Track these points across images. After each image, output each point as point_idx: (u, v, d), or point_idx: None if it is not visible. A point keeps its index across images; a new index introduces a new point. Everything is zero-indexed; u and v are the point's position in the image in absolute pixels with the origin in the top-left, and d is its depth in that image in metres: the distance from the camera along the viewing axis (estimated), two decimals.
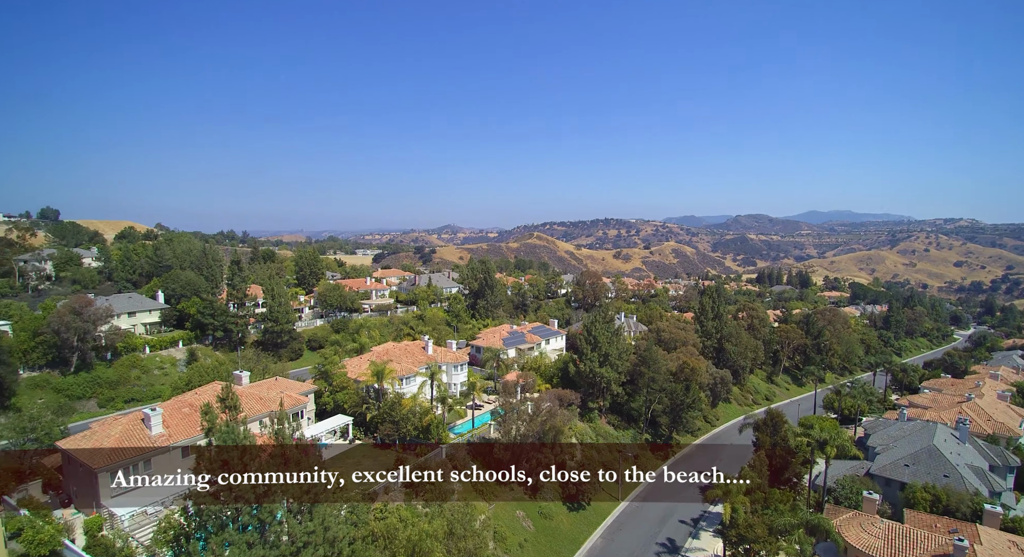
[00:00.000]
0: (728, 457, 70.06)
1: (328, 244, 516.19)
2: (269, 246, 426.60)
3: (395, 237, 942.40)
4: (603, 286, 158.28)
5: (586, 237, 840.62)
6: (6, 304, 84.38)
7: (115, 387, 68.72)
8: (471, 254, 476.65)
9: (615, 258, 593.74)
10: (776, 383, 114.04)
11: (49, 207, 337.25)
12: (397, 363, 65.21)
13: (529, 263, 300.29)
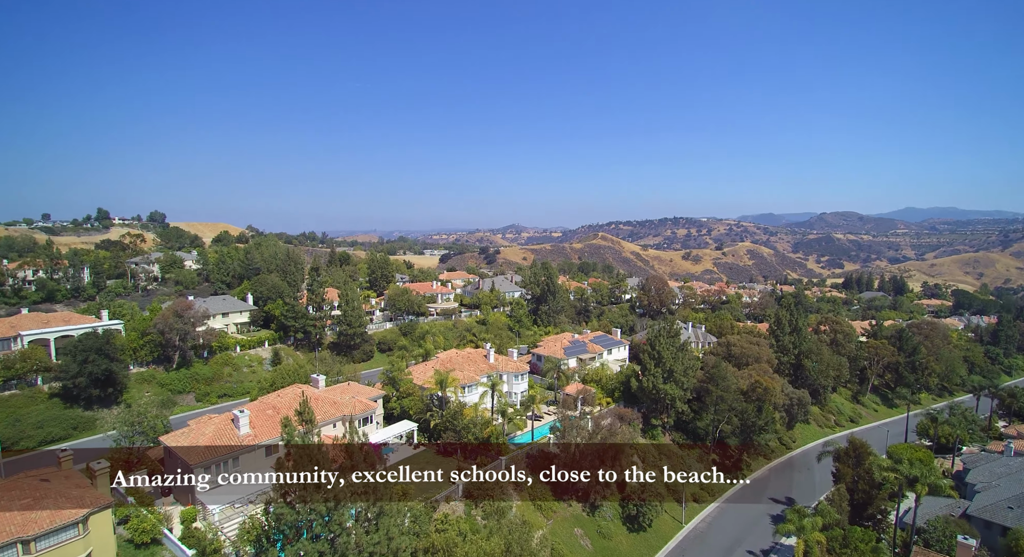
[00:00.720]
0: (804, 486, 65.88)
1: (398, 244, 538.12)
2: (345, 247, 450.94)
3: (461, 237, 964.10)
4: (669, 292, 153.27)
5: (653, 237, 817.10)
6: (120, 304, 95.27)
7: (210, 383, 75.68)
8: (535, 255, 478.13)
9: (684, 259, 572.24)
10: (863, 403, 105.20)
11: (157, 211, 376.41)
12: (460, 371, 66.89)
13: (593, 265, 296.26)
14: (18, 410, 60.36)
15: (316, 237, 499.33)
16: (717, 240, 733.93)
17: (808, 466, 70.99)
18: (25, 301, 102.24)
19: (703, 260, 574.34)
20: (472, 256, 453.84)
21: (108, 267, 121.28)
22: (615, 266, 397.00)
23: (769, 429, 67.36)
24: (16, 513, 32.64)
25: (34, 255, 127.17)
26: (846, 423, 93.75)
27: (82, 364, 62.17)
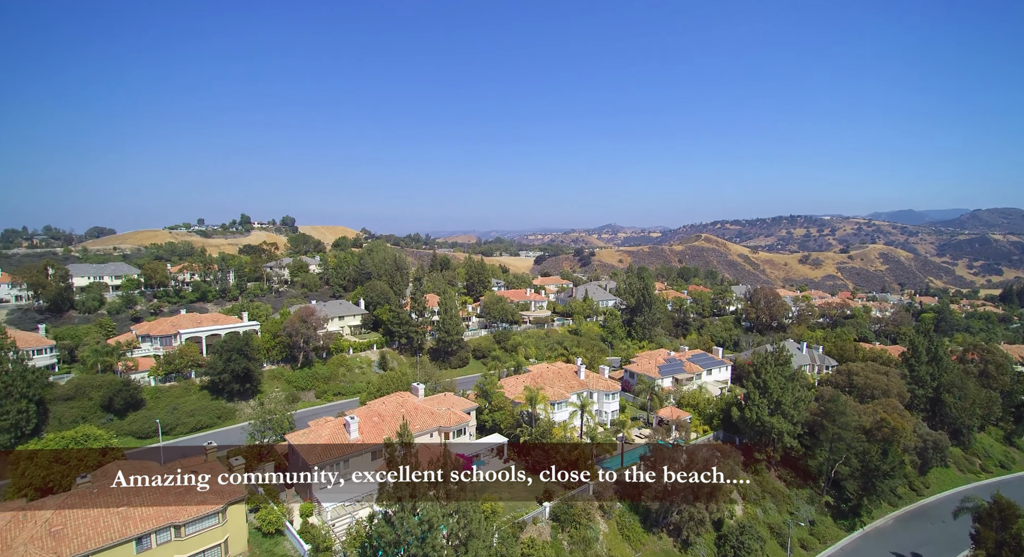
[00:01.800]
0: (937, 544, 57.57)
1: (494, 246, 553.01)
2: (445, 249, 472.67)
3: (556, 237, 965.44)
4: (781, 305, 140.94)
5: (764, 237, 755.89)
6: (256, 305, 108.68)
7: (327, 382, 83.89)
8: (631, 257, 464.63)
9: (801, 263, 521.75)
10: (1018, 446, 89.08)
11: (288, 216, 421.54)
12: (550, 387, 67.56)
13: (694, 270, 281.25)
14: (176, 399, 71.58)
15: (420, 239, 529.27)
16: (842, 241, 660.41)
17: (943, 519, 61.70)
18: (184, 301, 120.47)
19: (824, 264, 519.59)
20: (566, 258, 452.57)
21: (249, 271, 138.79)
22: (719, 271, 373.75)
23: (896, 475, 59.59)
24: (173, 498, 39.05)
25: (191, 260, 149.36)
26: (994, 469, 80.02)
27: (226, 362, 72.16)
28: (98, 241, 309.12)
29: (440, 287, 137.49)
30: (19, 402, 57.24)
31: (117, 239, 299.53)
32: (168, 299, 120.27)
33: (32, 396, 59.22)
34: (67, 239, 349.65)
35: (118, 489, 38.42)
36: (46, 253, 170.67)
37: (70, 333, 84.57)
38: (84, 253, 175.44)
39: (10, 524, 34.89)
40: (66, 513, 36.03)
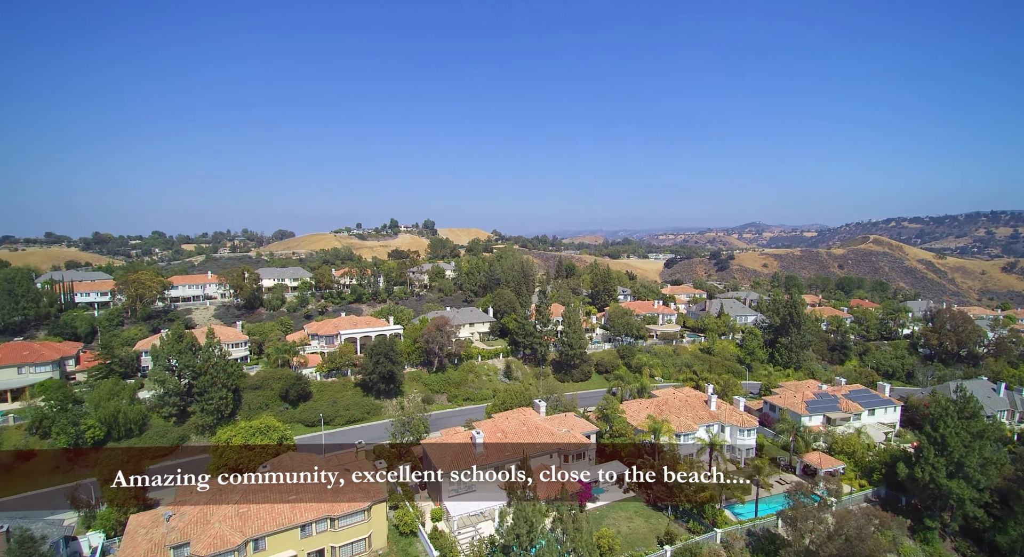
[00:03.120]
0: None
1: (622, 247, 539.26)
2: (571, 251, 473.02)
3: (689, 237, 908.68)
4: (973, 330, 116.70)
5: (955, 238, 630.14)
6: (400, 309, 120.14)
7: (458, 387, 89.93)
8: (778, 262, 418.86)
9: (1006, 272, 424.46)
10: None
11: (429, 219, 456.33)
12: (675, 417, 64.48)
13: (858, 281, 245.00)
14: (335, 394, 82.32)
15: (547, 240, 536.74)
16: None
17: None
18: (344, 301, 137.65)
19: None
20: (700, 261, 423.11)
21: (395, 276, 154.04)
22: (892, 281, 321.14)
23: None
24: (329, 495, 45.28)
25: (350, 265, 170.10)
26: None
27: (375, 364, 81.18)
28: (281, 243, 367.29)
29: (564, 297, 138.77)
30: (221, 391, 70.75)
31: (295, 242, 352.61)
32: (332, 300, 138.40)
33: (230, 385, 72.78)
34: (259, 241, 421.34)
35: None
36: (243, 257, 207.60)
37: (259, 329, 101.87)
38: (271, 257, 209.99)
39: (211, 500, 43.49)
40: (251, 495, 43.85)
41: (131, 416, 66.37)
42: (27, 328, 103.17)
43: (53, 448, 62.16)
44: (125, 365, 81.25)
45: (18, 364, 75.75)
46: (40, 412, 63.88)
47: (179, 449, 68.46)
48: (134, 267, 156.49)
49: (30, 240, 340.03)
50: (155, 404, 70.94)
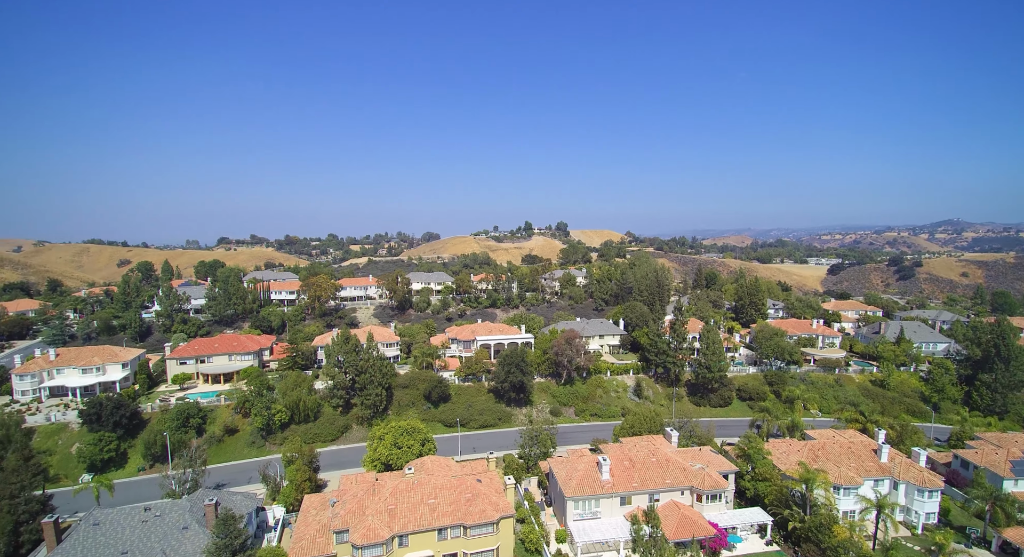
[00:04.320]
0: None
1: (774, 250, 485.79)
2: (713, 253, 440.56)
3: (862, 237, 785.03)
4: None
5: None
6: (532, 317, 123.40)
7: (586, 401, 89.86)
8: (982, 270, 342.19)
9: None
10: None
11: (562, 221, 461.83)
12: (834, 465, 56.82)
13: None
14: (471, 398, 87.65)
15: (686, 242, 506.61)
16: None
17: None
18: (480, 306, 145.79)
19: None
20: (875, 268, 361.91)
21: (527, 282, 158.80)
22: None
23: None
24: (463, 504, 48.64)
25: (487, 270, 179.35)
26: None
27: (507, 374, 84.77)
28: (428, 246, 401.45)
29: (703, 310, 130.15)
30: (377, 388, 79.80)
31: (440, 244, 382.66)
32: (470, 304, 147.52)
33: (385, 384, 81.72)
34: (410, 242, 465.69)
35: (429, 483, 50.26)
36: (396, 262, 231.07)
37: (408, 331, 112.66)
38: (420, 261, 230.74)
39: (366, 494, 49.46)
40: (398, 495, 48.93)
41: (309, 405, 78.25)
42: (236, 320, 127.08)
43: (252, 426, 75.93)
44: (305, 358, 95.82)
45: (229, 353, 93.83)
46: (243, 395, 78.39)
47: (343, 436, 78.93)
48: (314, 269, 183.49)
49: (240, 241, 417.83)
50: (327, 395, 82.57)
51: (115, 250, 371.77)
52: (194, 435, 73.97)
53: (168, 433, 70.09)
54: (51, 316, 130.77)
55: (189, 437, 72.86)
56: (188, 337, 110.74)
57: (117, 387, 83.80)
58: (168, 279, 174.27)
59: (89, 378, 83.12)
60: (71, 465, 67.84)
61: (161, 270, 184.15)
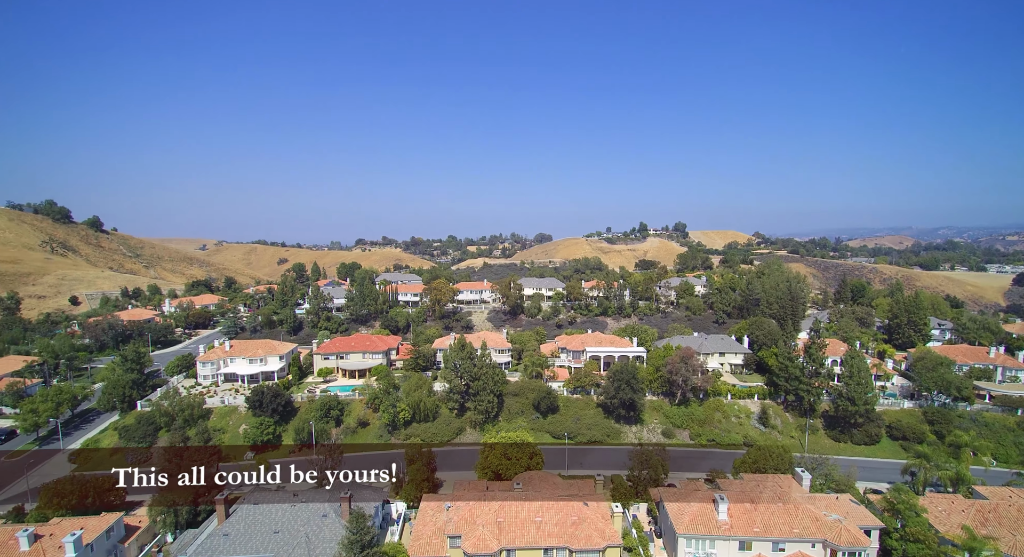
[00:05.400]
0: None
1: (942, 255, 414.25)
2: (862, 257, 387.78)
3: None
4: None
5: None
6: (644, 328, 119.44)
7: (702, 425, 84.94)
8: None
9: None
10: None
11: (680, 221, 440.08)
12: (1009, 533, 47.28)
13: None
14: (579, 411, 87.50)
15: (828, 244, 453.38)
16: None
17: None
18: (591, 313, 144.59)
19: None
20: None
21: (641, 290, 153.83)
22: None
23: None
24: (569, 526, 48.92)
25: (598, 277, 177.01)
26: None
27: (616, 390, 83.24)
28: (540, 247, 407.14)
29: (847, 329, 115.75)
30: (489, 395, 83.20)
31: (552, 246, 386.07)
32: (580, 311, 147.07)
33: (496, 391, 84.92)
34: (523, 244, 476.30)
35: (536, 501, 51.36)
36: (509, 265, 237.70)
37: (519, 338, 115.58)
38: (531, 265, 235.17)
39: (477, 503, 51.95)
40: (506, 509, 50.72)
41: (428, 406, 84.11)
42: (368, 319, 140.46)
43: (380, 421, 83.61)
44: (426, 360, 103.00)
45: (363, 351, 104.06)
46: (374, 392, 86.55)
47: (457, 438, 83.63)
48: (435, 273, 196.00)
49: (374, 242, 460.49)
50: (444, 397, 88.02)
51: (276, 250, 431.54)
52: (333, 425, 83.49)
53: (313, 422, 79.94)
54: (227, 310, 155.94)
55: (330, 426, 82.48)
56: (331, 334, 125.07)
57: (275, 377, 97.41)
58: (316, 279, 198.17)
59: (254, 367, 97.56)
60: (238, 443, 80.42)
61: (311, 271, 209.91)
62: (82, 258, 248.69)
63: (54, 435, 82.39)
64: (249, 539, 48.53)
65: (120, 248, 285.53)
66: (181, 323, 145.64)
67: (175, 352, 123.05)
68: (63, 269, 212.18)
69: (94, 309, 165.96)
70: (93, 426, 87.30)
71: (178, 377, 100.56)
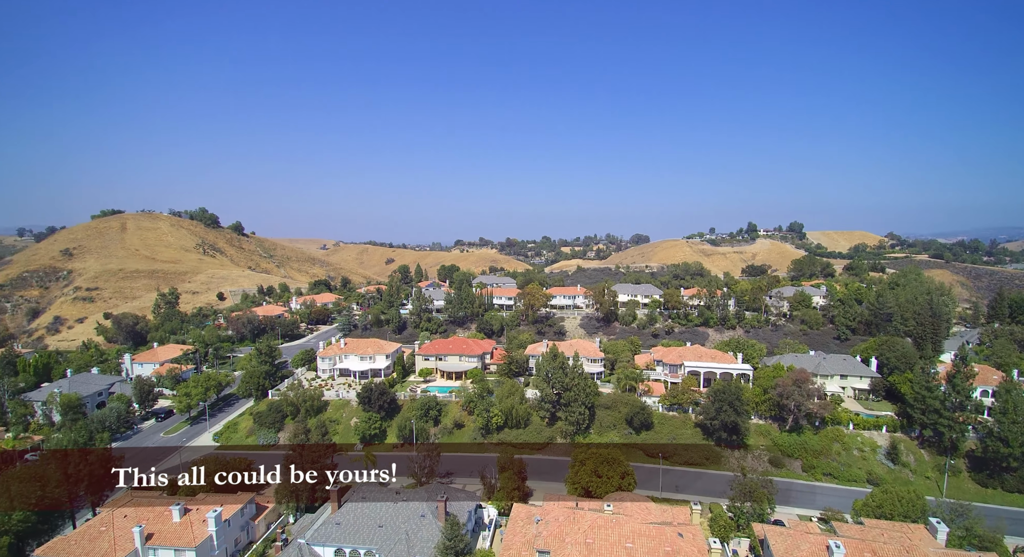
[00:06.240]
0: None
1: None
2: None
3: None
4: None
5: None
6: (751, 343, 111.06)
7: (817, 456, 77.37)
8: None
9: None
10: None
11: (796, 221, 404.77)
12: None
13: None
14: (675, 430, 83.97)
15: (980, 247, 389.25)
16: None
17: None
18: (690, 323, 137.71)
19: None
20: None
21: (748, 299, 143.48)
22: None
23: None
24: (661, 556, 47.23)
25: (699, 284, 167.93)
26: None
27: (717, 411, 78.61)
28: (637, 249, 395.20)
29: (1003, 354, 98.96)
30: (580, 407, 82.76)
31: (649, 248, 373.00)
32: (678, 320, 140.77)
33: (588, 403, 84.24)
34: (618, 245, 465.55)
35: (627, 525, 50.26)
36: (604, 270, 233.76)
37: (612, 348, 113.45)
38: (627, 270, 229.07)
39: (567, 520, 52.00)
40: (596, 530, 50.16)
41: (520, 413, 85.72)
42: (465, 321, 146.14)
43: (474, 425, 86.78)
44: (518, 365, 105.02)
45: (460, 354, 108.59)
46: (469, 395, 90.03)
47: (548, 448, 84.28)
48: (528, 276, 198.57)
49: (471, 243, 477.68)
50: (535, 405, 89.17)
51: (384, 250, 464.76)
52: (432, 424, 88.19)
53: (414, 420, 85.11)
54: (342, 308, 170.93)
55: (428, 426, 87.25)
56: (431, 335, 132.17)
57: (382, 374, 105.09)
58: (418, 280, 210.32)
59: (364, 364, 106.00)
60: (349, 435, 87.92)
61: (414, 272, 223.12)
62: (227, 258, 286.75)
63: (202, 416, 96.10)
64: (357, 531, 53.04)
65: (257, 249, 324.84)
66: (305, 319, 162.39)
67: (299, 346, 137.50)
68: (212, 268, 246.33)
69: (236, 304, 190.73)
70: (233, 410, 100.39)
71: (302, 369, 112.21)
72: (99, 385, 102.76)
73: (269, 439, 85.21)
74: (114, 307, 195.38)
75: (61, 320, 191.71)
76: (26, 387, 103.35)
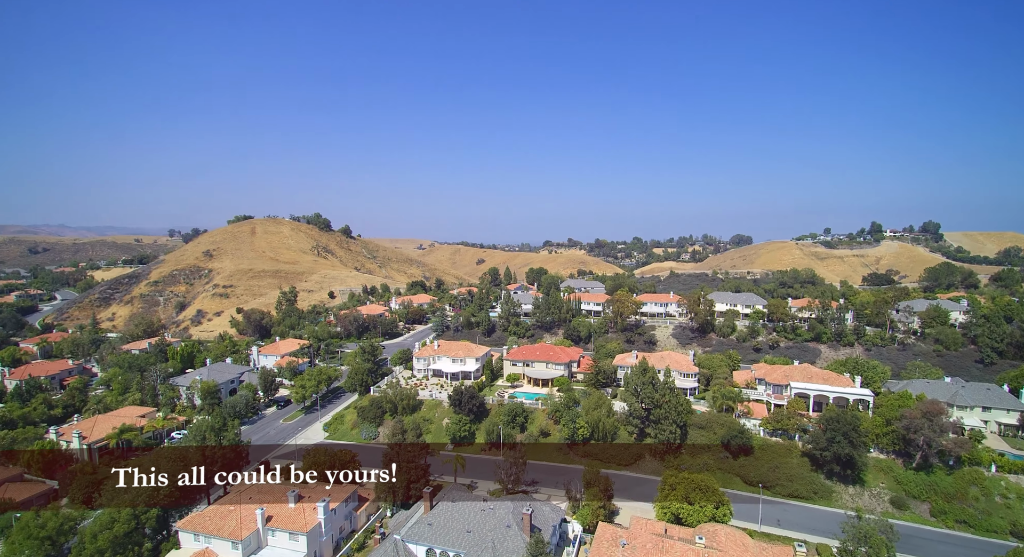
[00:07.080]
0: None
1: None
2: None
3: None
4: None
5: None
6: (872, 364, 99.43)
7: (949, 500, 67.83)
8: None
9: None
10: None
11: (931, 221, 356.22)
12: None
13: None
14: (777, 458, 77.70)
15: None
16: None
17: None
18: (799, 338, 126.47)
19: None
20: None
21: (869, 313, 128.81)
22: None
23: None
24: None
25: (810, 295, 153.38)
26: None
27: (829, 441, 71.72)
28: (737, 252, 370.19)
29: None
30: (671, 425, 79.55)
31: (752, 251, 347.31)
32: (784, 334, 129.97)
33: (679, 422, 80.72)
34: (716, 247, 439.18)
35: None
36: (700, 275, 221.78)
37: (707, 362, 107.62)
38: (726, 276, 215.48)
39: (655, 548, 50.46)
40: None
41: (607, 426, 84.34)
42: (553, 326, 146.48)
43: (560, 434, 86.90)
44: (606, 376, 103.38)
45: (546, 361, 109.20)
46: (555, 405, 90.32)
47: (636, 464, 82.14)
48: (618, 281, 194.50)
49: (559, 244, 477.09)
50: (623, 419, 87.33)
51: (475, 251, 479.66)
52: (518, 431, 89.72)
53: (501, 426, 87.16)
54: (436, 308, 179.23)
55: (515, 432, 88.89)
56: (518, 339, 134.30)
57: (471, 377, 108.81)
58: (507, 283, 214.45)
59: (456, 366, 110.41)
60: (440, 435, 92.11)
61: (503, 274, 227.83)
62: (337, 259, 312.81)
63: (315, 406, 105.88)
64: (447, 533, 55.61)
65: (362, 251, 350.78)
66: (403, 319, 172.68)
67: (397, 344, 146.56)
68: (324, 269, 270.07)
69: (343, 303, 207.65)
70: (340, 402, 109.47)
71: (399, 367, 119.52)
72: (231, 374, 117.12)
73: (371, 433, 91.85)
74: (245, 303, 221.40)
75: (203, 313, 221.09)
76: (174, 372, 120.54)
